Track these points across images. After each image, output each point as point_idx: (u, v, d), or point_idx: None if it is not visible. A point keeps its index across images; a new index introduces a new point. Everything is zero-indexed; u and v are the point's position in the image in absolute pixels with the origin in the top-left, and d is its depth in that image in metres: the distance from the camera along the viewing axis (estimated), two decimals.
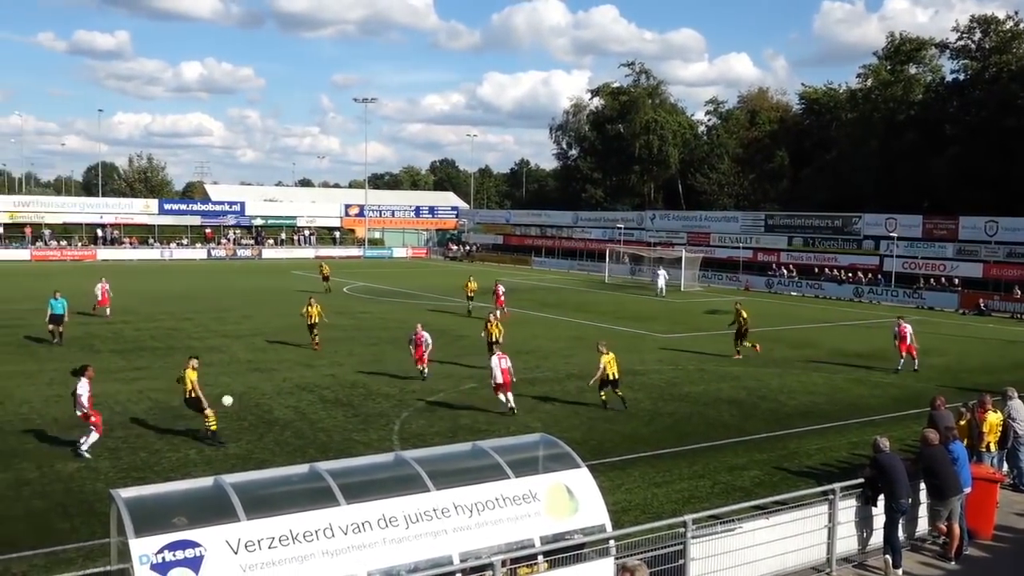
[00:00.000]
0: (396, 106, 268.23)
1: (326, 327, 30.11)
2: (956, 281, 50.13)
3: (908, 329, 26.78)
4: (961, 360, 29.92)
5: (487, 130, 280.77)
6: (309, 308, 29.16)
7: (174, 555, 7.89)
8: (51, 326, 28.99)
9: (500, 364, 20.08)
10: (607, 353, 20.59)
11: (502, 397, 20.18)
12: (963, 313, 46.26)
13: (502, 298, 37.30)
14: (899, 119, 69.29)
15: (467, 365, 25.84)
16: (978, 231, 51.26)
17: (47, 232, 76.82)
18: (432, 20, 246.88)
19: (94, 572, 9.82)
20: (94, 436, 16.26)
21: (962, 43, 67.26)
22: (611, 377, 20.51)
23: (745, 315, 29.17)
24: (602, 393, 20.78)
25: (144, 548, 7.83)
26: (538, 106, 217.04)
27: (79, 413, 16.42)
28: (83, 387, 16.32)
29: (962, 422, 14.73)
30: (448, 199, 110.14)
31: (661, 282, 53.69)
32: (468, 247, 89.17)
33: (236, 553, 8.14)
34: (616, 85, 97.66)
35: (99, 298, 35.43)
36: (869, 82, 73.85)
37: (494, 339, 25.72)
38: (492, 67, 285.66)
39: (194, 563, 7.94)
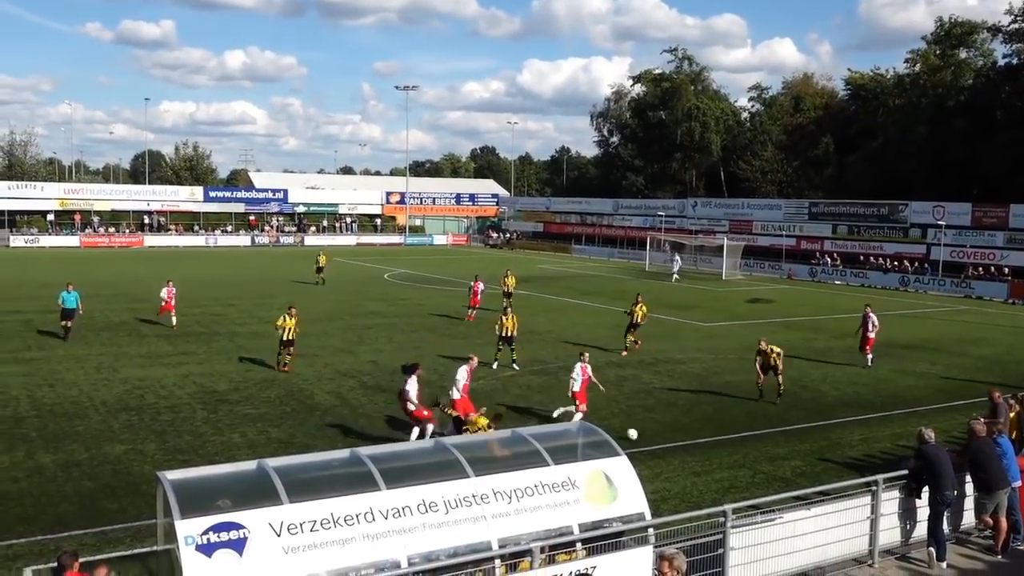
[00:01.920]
0: (436, 93, 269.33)
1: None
2: (1006, 270, 49.06)
3: (874, 318, 25.53)
4: (1010, 351, 29.31)
5: (527, 117, 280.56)
6: (287, 319, 23.30)
7: (219, 536, 8.02)
8: (63, 321, 26.78)
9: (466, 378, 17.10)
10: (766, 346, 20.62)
11: (424, 427, 16.34)
12: (1013, 303, 45.29)
13: (479, 297, 32.99)
14: (948, 105, 67.83)
15: (507, 352, 25.89)
16: None
17: (96, 219, 78.32)
18: (472, 7, 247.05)
19: (141, 552, 10.04)
20: (429, 427, 16.10)
21: (1016, 26, 65.52)
22: (774, 364, 20.39)
23: (644, 310, 27.11)
24: (763, 379, 20.63)
25: (190, 529, 7.97)
26: (578, 93, 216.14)
27: (410, 409, 16.12)
28: (412, 385, 16.16)
29: (1011, 414, 14.46)
30: (488, 187, 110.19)
31: (675, 268, 53.49)
32: (508, 235, 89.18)
33: (279, 536, 8.25)
34: (658, 71, 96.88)
35: (163, 302, 29.78)
36: (917, 67, 72.40)
37: (507, 333, 24.05)
38: (532, 54, 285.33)
39: (238, 544, 8.07)
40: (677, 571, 7.01)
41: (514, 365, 23.92)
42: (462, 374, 17.15)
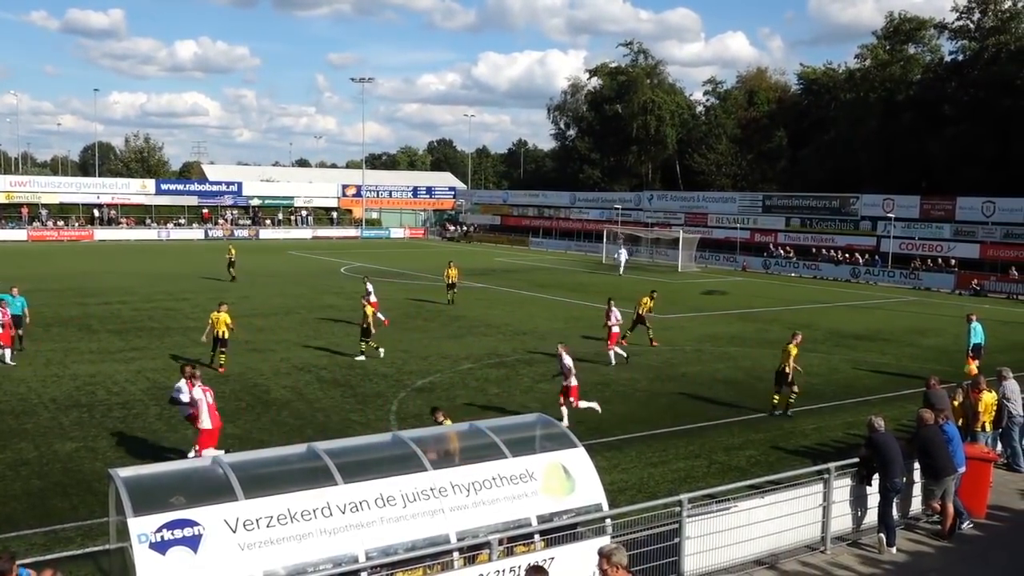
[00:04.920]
0: (392, 85, 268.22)
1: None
2: (952, 262, 50.18)
3: (617, 313, 24.27)
4: (956, 341, 29.89)
5: (484, 110, 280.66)
6: (218, 314, 22.26)
7: (172, 534, 7.93)
8: (12, 330, 23.26)
9: (206, 398, 14.48)
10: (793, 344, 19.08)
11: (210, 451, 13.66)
12: (959, 294, 46.34)
13: (374, 299, 28.83)
14: (897, 99, 69.10)
15: (464, 346, 25.91)
16: (975, 212, 51.22)
17: (44, 212, 76.52)
18: None
19: (93, 551, 9.88)
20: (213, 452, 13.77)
21: (961, 23, 66.96)
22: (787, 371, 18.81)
23: (649, 304, 27.05)
24: (776, 395, 19.07)
25: (143, 527, 7.86)
26: (534, 86, 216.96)
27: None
28: (183, 389, 14.56)
29: (955, 402, 14.80)
30: (445, 179, 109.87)
31: (622, 260, 53.79)
32: (465, 228, 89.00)
33: (235, 532, 8.18)
34: (614, 65, 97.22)
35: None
36: (867, 62, 73.57)
37: (366, 325, 23.86)
38: (488, 47, 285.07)
39: (193, 542, 7.98)
40: (616, 566, 6.99)
41: (361, 356, 23.71)
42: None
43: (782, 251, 58.91)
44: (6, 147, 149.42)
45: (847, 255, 55.16)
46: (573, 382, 17.58)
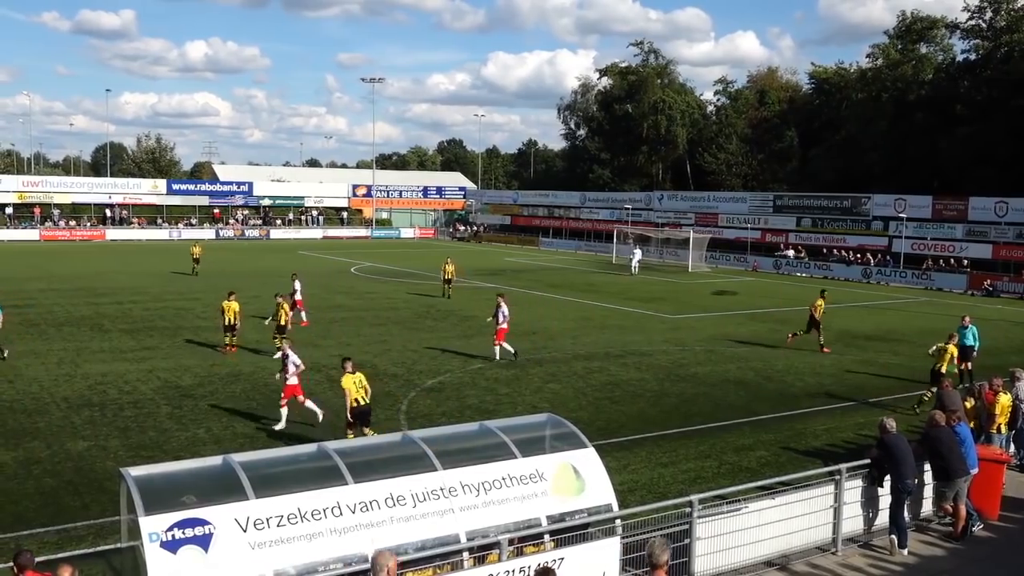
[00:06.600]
0: (402, 86, 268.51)
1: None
2: (965, 262, 49.92)
3: (505, 309, 24.13)
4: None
5: (493, 110, 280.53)
6: (227, 302, 24.55)
7: (184, 533, 7.95)
8: None
9: None
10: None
11: None
12: (972, 294, 46.09)
13: (299, 297, 29.76)
14: (909, 99, 68.75)
15: (473, 345, 25.92)
16: (988, 212, 50.88)
17: (56, 212, 76.89)
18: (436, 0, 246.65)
19: (104, 549, 9.91)
20: None
21: (972, 22, 66.59)
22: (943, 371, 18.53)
23: (821, 304, 27.00)
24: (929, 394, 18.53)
25: (154, 526, 7.88)
26: (544, 86, 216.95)
27: None
28: None
29: (968, 404, 14.72)
30: (456, 179, 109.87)
31: (635, 260, 53.65)
32: (475, 228, 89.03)
33: (245, 531, 8.19)
34: (624, 65, 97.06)
35: None
36: (879, 62, 73.26)
37: (283, 322, 24.12)
38: (497, 47, 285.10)
39: (203, 541, 8.00)
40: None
41: (278, 354, 23.74)
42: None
43: (793, 251, 58.70)
44: (19, 147, 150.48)
45: (859, 255, 54.94)
46: (293, 380, 17.30)
